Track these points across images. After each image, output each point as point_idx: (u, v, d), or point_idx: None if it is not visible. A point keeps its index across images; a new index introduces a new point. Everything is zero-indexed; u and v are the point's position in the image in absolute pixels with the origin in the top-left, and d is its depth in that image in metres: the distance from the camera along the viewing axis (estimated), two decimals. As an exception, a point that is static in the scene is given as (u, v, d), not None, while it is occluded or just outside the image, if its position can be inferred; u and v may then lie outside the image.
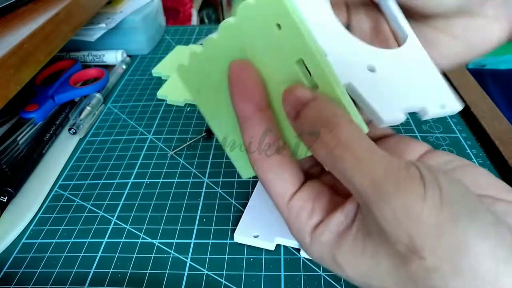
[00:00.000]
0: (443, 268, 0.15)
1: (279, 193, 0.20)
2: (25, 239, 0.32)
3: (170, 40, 0.64)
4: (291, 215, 0.20)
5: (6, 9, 0.40)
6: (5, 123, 0.41)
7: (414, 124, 0.41)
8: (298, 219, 0.19)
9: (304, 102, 0.18)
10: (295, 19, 0.17)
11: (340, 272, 0.19)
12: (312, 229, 0.19)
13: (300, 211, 0.19)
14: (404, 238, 0.15)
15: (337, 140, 0.16)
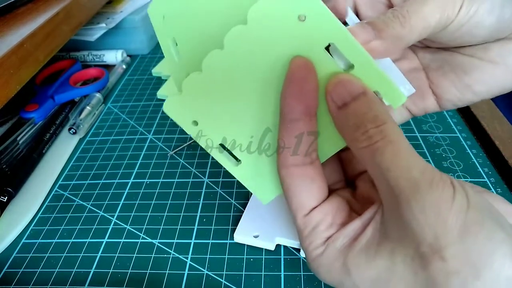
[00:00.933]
0: (464, 271, 0.15)
1: (300, 204, 0.20)
2: (25, 239, 0.32)
3: (170, 40, 0.64)
4: (308, 226, 0.20)
5: (6, 9, 0.40)
6: (5, 123, 0.41)
7: (414, 124, 0.41)
8: (314, 231, 0.20)
9: (355, 95, 0.18)
10: (322, 6, 0.18)
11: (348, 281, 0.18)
12: (326, 239, 0.19)
13: (319, 224, 0.20)
14: (429, 236, 0.15)
15: (382, 135, 0.17)
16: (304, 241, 0.20)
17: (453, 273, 0.15)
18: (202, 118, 0.22)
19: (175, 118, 0.22)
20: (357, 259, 0.18)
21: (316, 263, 0.20)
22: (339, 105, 0.19)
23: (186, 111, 0.22)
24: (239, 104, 0.21)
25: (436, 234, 0.15)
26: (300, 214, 0.20)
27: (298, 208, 0.20)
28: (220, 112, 0.22)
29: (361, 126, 0.17)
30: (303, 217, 0.20)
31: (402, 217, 0.16)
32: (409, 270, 0.16)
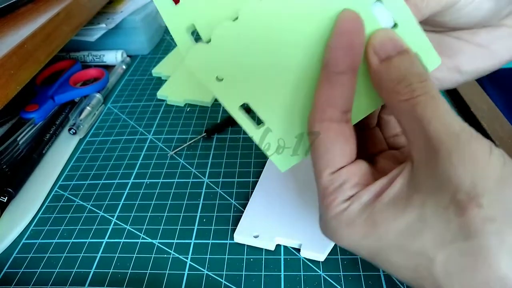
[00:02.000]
0: (500, 219, 0.15)
1: (331, 161, 0.20)
2: (25, 239, 0.32)
3: (170, 40, 0.64)
4: (334, 183, 0.20)
5: (6, 9, 0.40)
6: (5, 123, 0.41)
7: (414, 124, 0.41)
8: (340, 188, 0.20)
9: (400, 50, 0.19)
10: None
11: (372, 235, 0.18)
12: (350, 196, 0.20)
13: (345, 182, 0.20)
14: (467, 184, 0.16)
15: (425, 90, 0.18)
16: (327, 198, 0.20)
17: (489, 220, 0.15)
18: (229, 74, 0.21)
19: (197, 71, 0.21)
20: (384, 212, 0.18)
21: (337, 220, 0.20)
22: (382, 58, 0.19)
23: (212, 64, 0.20)
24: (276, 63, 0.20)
25: (474, 182, 0.16)
26: (328, 171, 0.20)
27: (327, 164, 0.20)
28: (252, 69, 0.21)
29: (404, 79, 0.18)
30: (330, 174, 0.20)
31: (440, 168, 0.16)
32: (441, 219, 0.17)
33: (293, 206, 0.32)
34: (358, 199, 0.19)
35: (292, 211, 0.31)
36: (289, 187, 0.33)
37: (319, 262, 0.28)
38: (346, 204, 0.19)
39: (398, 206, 0.18)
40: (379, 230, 0.18)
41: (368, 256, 0.19)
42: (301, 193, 0.33)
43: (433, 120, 0.17)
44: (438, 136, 0.17)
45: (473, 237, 0.16)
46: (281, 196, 0.33)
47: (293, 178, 0.34)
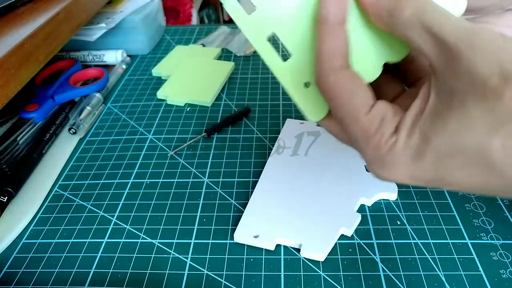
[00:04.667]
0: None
1: (361, 104, 0.20)
2: (25, 239, 0.32)
3: (170, 40, 0.64)
4: (375, 121, 0.20)
5: (6, 9, 0.40)
6: (5, 123, 0.41)
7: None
8: (383, 123, 0.20)
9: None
10: None
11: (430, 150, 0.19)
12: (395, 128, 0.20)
13: (385, 115, 0.20)
14: (495, 70, 0.16)
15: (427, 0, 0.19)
16: (373, 138, 0.20)
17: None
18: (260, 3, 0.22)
19: None
20: (431, 125, 0.19)
21: (392, 154, 0.20)
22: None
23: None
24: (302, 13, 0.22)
25: (501, 64, 0.16)
26: (363, 112, 0.20)
27: (360, 107, 0.20)
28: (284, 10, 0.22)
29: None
30: (367, 115, 0.20)
31: (464, 63, 0.17)
32: (485, 110, 0.17)
33: (293, 206, 0.32)
34: (403, 126, 0.20)
35: (292, 211, 0.31)
36: (289, 187, 0.33)
37: (319, 262, 0.28)
38: (395, 137, 0.20)
39: (442, 114, 0.19)
40: (434, 142, 0.19)
41: (430, 177, 0.20)
42: (301, 193, 0.33)
43: (445, 22, 0.18)
44: (454, 35, 0.17)
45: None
46: (281, 196, 0.33)
47: (293, 178, 0.34)
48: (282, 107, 0.45)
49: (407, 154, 0.20)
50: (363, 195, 0.32)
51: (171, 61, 0.55)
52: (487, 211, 0.32)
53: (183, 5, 1.25)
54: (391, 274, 0.27)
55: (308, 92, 0.23)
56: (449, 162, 0.19)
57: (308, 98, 0.24)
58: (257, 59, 0.56)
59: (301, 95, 0.24)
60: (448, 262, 0.28)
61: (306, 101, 0.24)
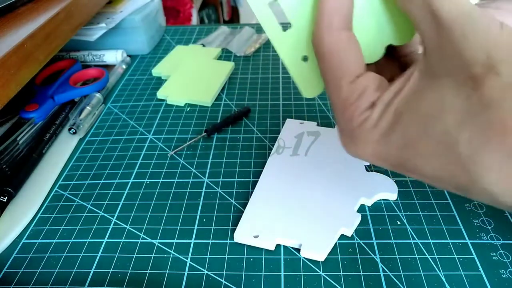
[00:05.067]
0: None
1: (348, 69, 0.20)
2: (25, 239, 0.32)
3: (170, 40, 0.64)
4: (354, 92, 0.20)
5: (6, 9, 0.40)
6: (5, 123, 0.41)
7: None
8: (361, 96, 0.20)
9: None
10: None
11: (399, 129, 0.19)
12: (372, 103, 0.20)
13: (366, 89, 0.20)
14: (481, 57, 0.16)
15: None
16: (349, 109, 0.20)
17: (508, 86, 0.16)
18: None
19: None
20: (406, 104, 0.19)
21: (361, 128, 0.20)
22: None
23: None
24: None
25: (488, 53, 0.16)
26: (347, 79, 0.20)
27: (344, 74, 0.20)
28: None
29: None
30: (350, 84, 0.20)
31: (454, 45, 0.17)
32: (460, 97, 0.17)
33: (293, 206, 0.32)
34: (380, 101, 0.20)
35: (292, 211, 0.31)
36: (289, 187, 0.33)
37: (319, 262, 0.28)
38: (369, 112, 0.20)
39: (419, 94, 0.18)
40: (403, 124, 0.19)
41: (395, 157, 0.19)
42: (301, 193, 0.33)
43: (446, 1, 0.17)
44: (450, 16, 0.17)
45: (495, 107, 0.16)
46: (281, 196, 0.33)
47: (293, 178, 0.34)
48: (282, 107, 0.45)
49: (376, 132, 0.20)
50: (363, 195, 0.32)
51: (171, 61, 0.55)
52: (487, 211, 0.32)
53: (183, 5, 1.25)
54: (391, 274, 0.27)
55: (305, 67, 0.23)
56: (415, 147, 0.18)
57: (304, 73, 0.23)
58: (257, 59, 0.56)
59: (297, 68, 0.23)
60: (448, 262, 0.28)
61: (302, 76, 0.23)
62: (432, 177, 0.19)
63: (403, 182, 0.34)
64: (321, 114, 0.44)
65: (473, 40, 0.17)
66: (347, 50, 0.20)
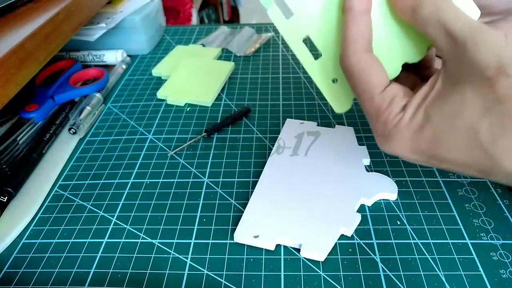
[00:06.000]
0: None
1: (377, 82, 0.24)
2: (25, 239, 0.32)
3: (170, 40, 0.64)
4: (386, 99, 0.24)
5: (6, 9, 0.40)
6: (5, 123, 0.41)
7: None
8: (393, 102, 0.24)
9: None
10: None
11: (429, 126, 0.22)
12: (403, 106, 0.23)
13: (396, 95, 0.24)
14: (493, 62, 0.20)
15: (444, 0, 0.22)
16: (383, 115, 0.24)
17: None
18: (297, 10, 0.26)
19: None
20: (433, 106, 0.22)
21: (397, 128, 0.23)
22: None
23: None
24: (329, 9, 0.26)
25: (499, 58, 0.19)
26: (378, 91, 0.24)
27: (375, 85, 0.24)
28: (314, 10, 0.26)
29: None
30: (380, 93, 0.24)
31: (468, 56, 0.20)
32: (478, 96, 0.20)
33: (293, 206, 0.32)
34: (410, 105, 0.23)
35: (292, 211, 0.31)
36: (289, 187, 0.33)
37: (319, 262, 0.28)
38: (401, 115, 0.23)
39: (444, 98, 0.22)
40: (433, 120, 0.22)
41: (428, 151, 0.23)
42: (301, 193, 0.33)
43: (456, 20, 0.21)
44: (463, 32, 0.21)
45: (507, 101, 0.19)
46: (281, 196, 0.33)
47: (293, 178, 0.34)
48: (282, 107, 0.45)
49: (409, 130, 0.23)
50: (363, 195, 0.32)
51: (171, 61, 0.55)
52: (487, 211, 0.32)
53: (183, 5, 1.25)
54: (391, 274, 0.27)
55: (335, 87, 0.28)
56: (444, 139, 0.22)
57: (334, 93, 0.28)
58: (257, 59, 0.56)
59: (329, 89, 0.28)
60: (448, 262, 0.28)
61: (333, 95, 0.28)
62: (460, 164, 0.22)
63: (403, 182, 0.34)
64: (321, 114, 0.44)
65: (484, 49, 0.20)
66: (373, 67, 0.24)
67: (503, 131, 0.20)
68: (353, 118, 0.43)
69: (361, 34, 0.24)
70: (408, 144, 0.23)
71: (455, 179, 0.35)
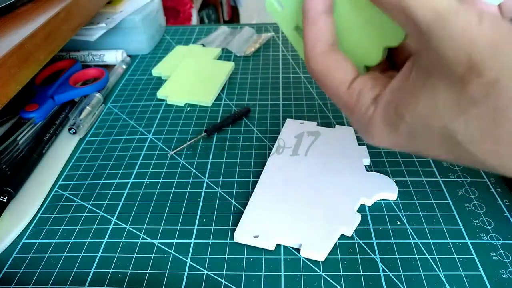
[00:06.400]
0: (503, 80, 0.16)
1: (341, 79, 0.23)
2: (25, 239, 0.32)
3: (170, 40, 0.64)
4: (353, 94, 0.22)
5: (6, 9, 0.40)
6: (5, 123, 0.41)
7: (414, 124, 0.41)
8: (360, 96, 0.22)
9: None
10: None
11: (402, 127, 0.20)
12: (373, 99, 0.22)
13: (362, 89, 0.22)
14: (463, 58, 0.17)
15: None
16: (354, 110, 0.23)
17: (492, 84, 0.16)
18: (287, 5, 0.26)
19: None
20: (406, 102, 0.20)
21: (371, 124, 0.22)
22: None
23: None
24: None
25: (469, 55, 0.16)
26: (343, 88, 0.23)
27: (339, 84, 0.23)
28: None
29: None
30: (347, 90, 0.23)
31: (435, 50, 0.17)
32: (451, 95, 0.18)
33: (293, 205, 0.32)
34: (381, 99, 0.21)
35: (292, 211, 0.31)
36: (289, 187, 0.33)
37: (319, 262, 0.28)
38: (372, 108, 0.22)
39: (415, 93, 0.19)
40: (406, 119, 0.20)
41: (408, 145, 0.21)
42: (301, 193, 0.33)
43: (417, 6, 0.17)
44: (426, 21, 0.17)
45: (483, 102, 0.17)
46: (281, 196, 0.33)
47: (293, 178, 0.34)
48: (282, 107, 0.45)
49: (384, 125, 0.21)
50: (363, 195, 0.32)
51: (171, 61, 0.55)
52: (487, 211, 0.32)
53: (183, 5, 1.25)
54: (391, 274, 0.27)
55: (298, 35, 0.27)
56: (421, 139, 0.20)
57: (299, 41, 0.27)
58: (257, 59, 0.56)
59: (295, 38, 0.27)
60: (448, 262, 0.28)
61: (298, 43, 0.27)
62: (444, 159, 0.21)
63: (403, 182, 0.34)
64: (321, 114, 0.44)
65: (451, 43, 0.17)
66: (334, 67, 0.23)
67: (481, 137, 0.18)
68: (353, 118, 0.43)
69: (319, 36, 0.23)
70: (386, 138, 0.22)
71: (455, 179, 0.35)
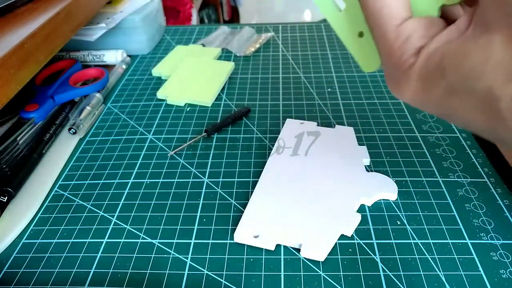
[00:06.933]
0: None
1: (393, 12, 0.20)
2: (25, 239, 0.32)
3: (170, 40, 0.64)
4: (400, 38, 0.20)
5: (6, 9, 0.40)
6: (5, 123, 0.41)
7: (414, 124, 0.41)
8: (407, 41, 0.19)
9: None
10: None
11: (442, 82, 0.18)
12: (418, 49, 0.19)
13: (412, 34, 0.19)
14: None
15: None
16: (395, 54, 0.20)
17: None
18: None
19: None
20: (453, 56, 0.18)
21: (407, 75, 0.20)
22: None
23: None
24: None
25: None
26: (393, 23, 0.20)
27: (390, 17, 0.20)
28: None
29: None
30: (396, 27, 0.20)
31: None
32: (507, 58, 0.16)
33: (293, 206, 0.32)
34: (425, 51, 0.19)
35: (292, 211, 0.31)
36: (289, 187, 0.33)
37: (319, 262, 0.28)
38: (414, 58, 0.19)
39: (466, 48, 0.17)
40: (448, 75, 0.18)
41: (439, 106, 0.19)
42: (301, 193, 0.33)
43: None
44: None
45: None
46: (281, 196, 0.33)
47: (293, 178, 0.34)
48: (282, 107, 0.45)
49: (420, 80, 0.19)
50: (363, 195, 0.32)
51: (171, 61, 0.55)
52: (487, 211, 0.32)
53: (183, 5, 1.25)
54: (391, 274, 0.27)
55: (361, 42, 0.24)
56: (457, 100, 0.18)
57: (361, 48, 0.24)
58: (257, 59, 0.56)
59: (355, 44, 0.24)
60: (448, 262, 0.28)
61: (360, 51, 0.24)
62: (473, 128, 0.19)
63: (403, 182, 0.34)
64: (321, 114, 0.44)
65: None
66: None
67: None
68: (353, 118, 0.43)
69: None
70: (417, 95, 0.20)
71: (455, 179, 0.35)
